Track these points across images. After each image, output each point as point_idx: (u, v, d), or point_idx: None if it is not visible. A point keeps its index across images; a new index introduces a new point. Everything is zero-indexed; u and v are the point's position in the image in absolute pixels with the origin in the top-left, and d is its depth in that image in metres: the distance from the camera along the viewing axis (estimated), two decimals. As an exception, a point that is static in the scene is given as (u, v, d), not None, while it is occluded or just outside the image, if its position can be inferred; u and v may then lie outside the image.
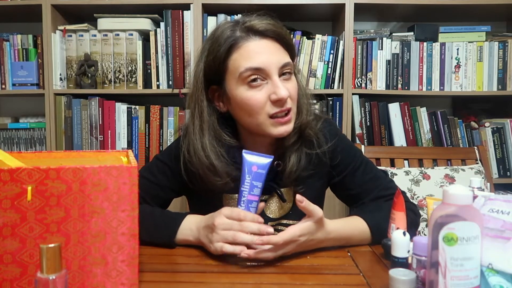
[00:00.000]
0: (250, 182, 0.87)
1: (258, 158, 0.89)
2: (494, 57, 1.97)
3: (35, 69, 2.01)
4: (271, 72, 0.91)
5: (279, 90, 0.90)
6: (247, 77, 0.91)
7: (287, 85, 0.94)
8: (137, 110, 1.98)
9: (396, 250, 0.75)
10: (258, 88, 0.92)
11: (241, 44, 0.92)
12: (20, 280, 0.65)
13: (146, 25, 1.97)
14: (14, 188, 0.63)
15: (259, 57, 0.91)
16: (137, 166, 0.68)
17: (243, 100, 0.93)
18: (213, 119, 0.98)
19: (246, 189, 0.87)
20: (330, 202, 1.26)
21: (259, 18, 0.95)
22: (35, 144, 2.04)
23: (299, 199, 0.83)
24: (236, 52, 0.93)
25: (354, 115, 1.97)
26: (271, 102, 0.92)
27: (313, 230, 0.86)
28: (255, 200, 0.88)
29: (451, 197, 0.59)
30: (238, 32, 0.93)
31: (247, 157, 0.88)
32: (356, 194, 1.07)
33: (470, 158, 1.82)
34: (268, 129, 0.95)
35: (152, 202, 1.05)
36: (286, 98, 0.91)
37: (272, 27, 0.93)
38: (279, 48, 0.94)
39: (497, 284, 0.60)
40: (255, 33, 0.93)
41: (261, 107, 0.92)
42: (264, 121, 0.94)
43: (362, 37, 2.00)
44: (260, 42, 0.92)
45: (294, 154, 1.00)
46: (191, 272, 0.81)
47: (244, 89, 0.93)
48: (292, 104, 0.95)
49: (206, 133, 0.97)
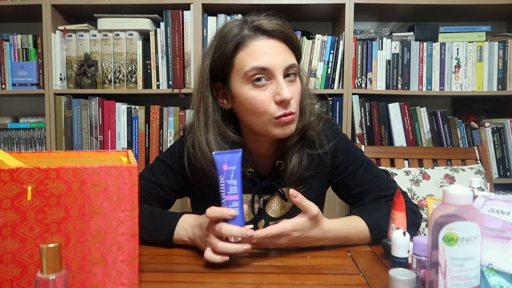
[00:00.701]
0: (224, 182, 0.83)
1: (226, 155, 0.85)
2: (494, 57, 1.97)
3: (35, 69, 2.01)
4: (276, 72, 0.91)
5: (283, 91, 0.90)
6: (252, 76, 0.91)
7: (292, 87, 0.93)
8: (137, 110, 1.98)
9: (396, 250, 0.75)
10: (263, 88, 0.92)
11: (248, 42, 0.92)
12: (20, 280, 0.65)
13: (146, 25, 1.97)
14: (14, 188, 0.63)
15: (265, 57, 0.91)
16: (137, 166, 0.68)
17: (247, 99, 0.93)
18: (218, 115, 0.98)
19: (222, 190, 0.83)
20: (330, 202, 1.26)
21: (268, 18, 0.94)
22: (35, 144, 2.04)
23: (292, 193, 0.83)
24: (243, 51, 0.92)
25: (354, 115, 1.97)
26: (275, 102, 0.92)
27: (307, 226, 0.86)
28: (235, 200, 0.83)
29: (451, 197, 0.59)
30: (246, 30, 0.93)
31: (217, 158, 0.85)
32: (357, 194, 1.07)
33: (470, 158, 1.81)
34: (270, 130, 0.94)
35: (154, 203, 1.05)
36: (289, 99, 0.91)
37: (280, 28, 0.93)
38: (286, 49, 0.94)
39: (497, 284, 0.60)
40: (262, 33, 0.92)
41: (264, 107, 0.92)
42: (267, 122, 0.93)
43: (362, 37, 2.00)
44: (267, 42, 0.92)
45: (296, 154, 1.00)
46: (191, 272, 0.81)
47: (249, 88, 0.92)
48: (295, 105, 0.94)
49: (210, 129, 0.97)
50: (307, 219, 0.85)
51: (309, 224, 0.86)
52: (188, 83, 1.95)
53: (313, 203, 0.86)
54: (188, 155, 1.00)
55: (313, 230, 0.87)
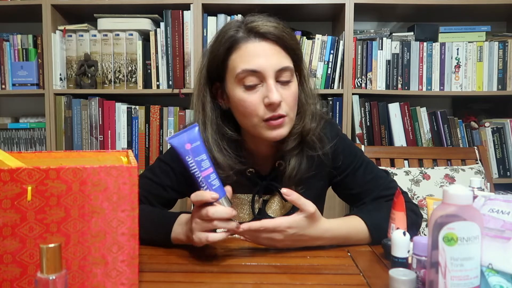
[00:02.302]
0: (194, 160, 0.80)
1: (184, 135, 0.81)
2: (494, 57, 1.97)
3: (35, 69, 2.01)
4: (266, 75, 0.91)
5: (271, 94, 0.90)
6: (243, 78, 0.92)
7: (284, 90, 0.93)
8: (137, 110, 1.98)
9: (396, 250, 0.75)
10: (254, 91, 0.92)
11: (241, 44, 0.92)
12: (20, 280, 0.65)
13: (146, 25, 1.97)
14: (14, 188, 0.63)
15: (256, 60, 0.91)
16: (137, 166, 0.68)
17: (239, 101, 0.93)
18: (216, 114, 0.99)
19: (195, 169, 0.80)
20: (330, 202, 1.26)
21: (264, 19, 0.94)
22: (35, 144, 2.04)
23: (286, 192, 0.83)
24: (235, 53, 0.93)
25: (354, 115, 1.97)
26: (265, 105, 0.92)
27: (303, 224, 0.86)
28: (211, 173, 0.81)
29: (451, 197, 0.59)
30: (240, 32, 0.93)
31: (174, 142, 0.81)
32: (357, 193, 1.07)
33: (470, 158, 1.81)
34: (261, 132, 0.95)
35: (155, 202, 1.06)
36: (277, 102, 0.90)
37: (275, 30, 0.92)
38: (279, 52, 0.93)
39: (497, 284, 0.60)
40: (255, 35, 0.92)
41: (254, 109, 0.92)
42: (258, 124, 0.94)
43: (362, 37, 2.00)
44: (259, 44, 0.92)
45: (295, 157, 1.00)
46: (191, 272, 0.81)
47: (241, 90, 0.93)
48: (288, 109, 0.94)
49: (208, 128, 0.98)
50: (304, 217, 0.85)
51: (306, 222, 0.86)
52: (188, 83, 1.95)
53: (310, 201, 0.86)
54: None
55: (310, 228, 0.87)
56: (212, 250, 0.91)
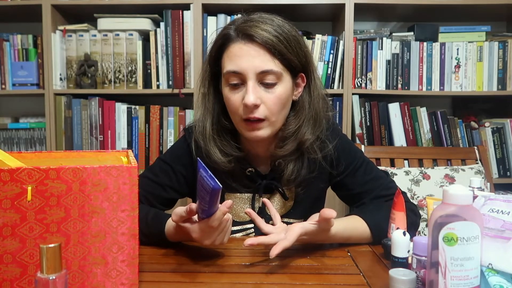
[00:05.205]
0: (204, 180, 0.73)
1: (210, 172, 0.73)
2: (494, 57, 1.97)
3: (35, 69, 2.01)
4: (247, 76, 0.92)
5: (247, 96, 0.91)
6: (228, 78, 0.94)
7: (266, 93, 0.93)
8: (137, 110, 1.98)
9: (396, 250, 0.75)
10: (237, 90, 0.94)
11: (229, 45, 0.94)
12: (20, 280, 0.65)
13: (146, 25, 1.97)
14: (14, 188, 0.63)
15: (239, 61, 0.92)
16: (137, 166, 0.68)
17: (226, 98, 0.97)
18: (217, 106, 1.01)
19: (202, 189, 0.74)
20: (330, 202, 1.26)
21: (254, 21, 0.93)
22: (35, 144, 2.04)
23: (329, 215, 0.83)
24: (225, 53, 0.95)
25: (354, 115, 1.97)
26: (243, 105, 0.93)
27: (317, 233, 0.88)
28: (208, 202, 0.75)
29: (451, 197, 0.59)
30: (231, 31, 0.94)
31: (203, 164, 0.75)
32: (357, 194, 1.07)
33: (470, 158, 1.81)
34: (242, 131, 0.98)
35: (155, 202, 1.06)
36: (251, 104, 0.91)
37: (263, 33, 0.91)
38: (264, 54, 0.92)
39: (497, 284, 0.60)
40: (243, 36, 0.93)
41: (236, 108, 0.95)
42: (239, 122, 0.96)
43: (362, 37, 2.00)
44: (244, 46, 0.92)
45: (292, 162, 1.01)
46: (191, 272, 0.81)
47: (227, 88, 0.96)
48: (268, 113, 0.93)
49: (209, 117, 1.01)
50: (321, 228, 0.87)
51: (320, 232, 0.88)
52: (188, 83, 1.95)
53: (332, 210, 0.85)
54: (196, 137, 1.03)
55: (321, 235, 0.89)
56: (212, 250, 0.91)
